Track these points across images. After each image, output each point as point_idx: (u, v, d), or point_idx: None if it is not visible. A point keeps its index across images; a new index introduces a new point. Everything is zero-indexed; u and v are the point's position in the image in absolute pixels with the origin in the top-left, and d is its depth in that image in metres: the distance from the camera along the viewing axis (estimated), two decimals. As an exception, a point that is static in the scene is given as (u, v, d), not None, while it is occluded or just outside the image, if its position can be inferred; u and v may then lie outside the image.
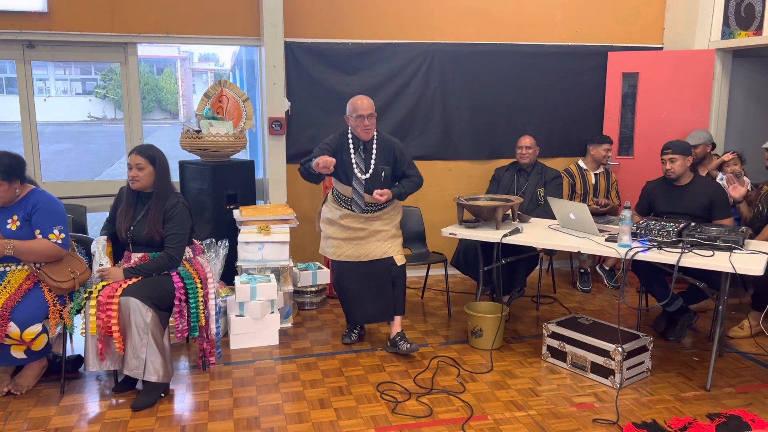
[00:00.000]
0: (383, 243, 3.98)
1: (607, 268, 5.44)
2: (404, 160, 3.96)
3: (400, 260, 4.01)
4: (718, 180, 4.77)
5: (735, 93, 5.78)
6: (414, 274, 5.67)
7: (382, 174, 3.86)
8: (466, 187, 5.65)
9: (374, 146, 3.90)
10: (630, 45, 5.81)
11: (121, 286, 3.33)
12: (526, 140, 4.97)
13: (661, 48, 5.86)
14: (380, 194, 3.78)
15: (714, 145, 5.20)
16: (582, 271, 5.35)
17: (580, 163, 5.39)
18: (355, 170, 3.87)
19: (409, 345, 3.92)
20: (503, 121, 5.67)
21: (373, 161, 3.88)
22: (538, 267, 4.94)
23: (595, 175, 5.34)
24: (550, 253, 5.01)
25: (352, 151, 3.88)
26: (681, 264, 3.38)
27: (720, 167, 4.88)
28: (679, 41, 5.72)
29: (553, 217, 4.64)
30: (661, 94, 5.59)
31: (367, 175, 3.88)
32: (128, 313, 3.27)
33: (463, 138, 5.61)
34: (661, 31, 5.87)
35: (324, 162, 3.60)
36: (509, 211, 4.32)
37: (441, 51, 5.44)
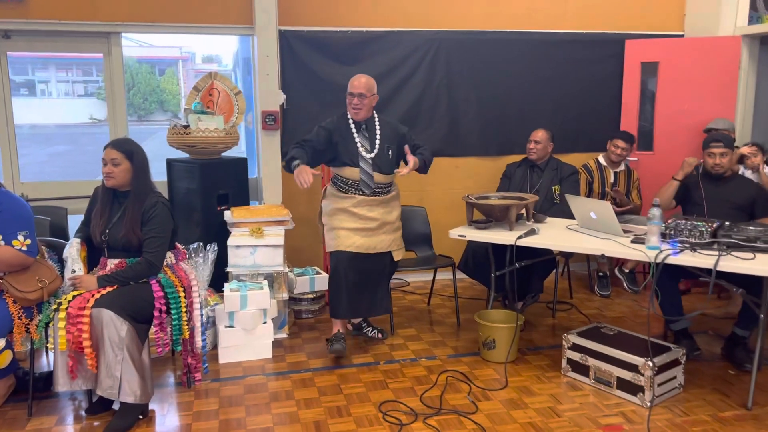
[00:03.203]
0: (389, 235, 3.85)
1: (626, 271, 5.07)
2: (410, 136, 3.90)
3: (398, 255, 3.94)
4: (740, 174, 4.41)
5: (761, 82, 5.39)
6: (418, 278, 5.31)
7: (389, 153, 3.77)
8: (474, 185, 5.29)
9: (376, 125, 3.76)
10: (649, 32, 5.43)
11: (93, 296, 2.99)
12: (538, 134, 4.61)
13: (682, 35, 5.49)
14: (407, 167, 3.66)
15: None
16: (600, 274, 4.98)
17: (600, 159, 5.02)
18: (360, 150, 3.70)
19: (380, 334, 4.04)
20: (513, 115, 5.31)
21: (378, 140, 3.73)
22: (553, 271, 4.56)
23: (615, 173, 4.97)
24: (567, 255, 4.64)
25: (354, 131, 3.71)
26: (703, 266, 3.05)
27: (740, 160, 4.51)
28: (702, 28, 5.34)
29: (570, 217, 4.29)
30: (683, 85, 5.22)
31: (373, 154, 3.71)
32: (101, 326, 2.93)
33: (470, 133, 5.25)
34: (681, 17, 5.50)
35: (304, 179, 3.40)
36: (523, 211, 3.95)
37: (447, 39, 5.08)
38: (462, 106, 5.19)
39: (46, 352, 3.78)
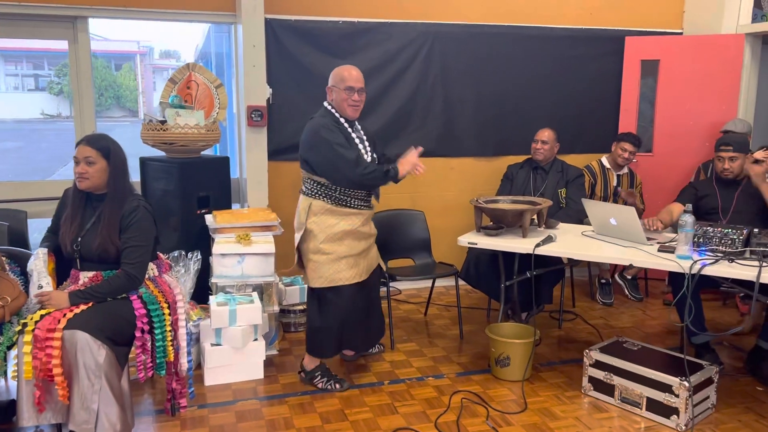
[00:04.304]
0: (374, 247, 3.42)
1: (628, 277, 4.86)
2: (380, 143, 3.61)
3: (381, 264, 3.57)
4: None
5: (762, 83, 5.24)
6: (411, 286, 5.00)
7: (375, 155, 3.34)
8: (470, 187, 5.00)
9: (357, 126, 3.29)
10: (649, 29, 5.24)
11: (65, 315, 2.58)
12: (545, 134, 4.34)
13: (681, 33, 5.31)
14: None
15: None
16: (603, 281, 4.75)
17: (604, 161, 4.78)
18: (363, 153, 3.20)
19: (380, 347, 3.77)
20: (511, 113, 5.04)
21: (367, 142, 3.27)
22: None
23: (618, 176, 4.74)
24: (574, 262, 4.39)
25: (351, 133, 3.19)
26: (744, 278, 2.82)
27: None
28: (701, 25, 5.17)
29: (577, 222, 4.07)
30: (684, 84, 5.03)
31: (373, 156, 3.28)
32: (75, 351, 2.53)
33: (466, 132, 4.96)
34: (680, 14, 5.32)
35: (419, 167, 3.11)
36: (534, 216, 3.69)
37: (442, 33, 4.78)
38: (458, 103, 4.89)
39: (5, 378, 3.33)
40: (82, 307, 2.65)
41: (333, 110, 3.19)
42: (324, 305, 3.20)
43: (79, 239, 2.78)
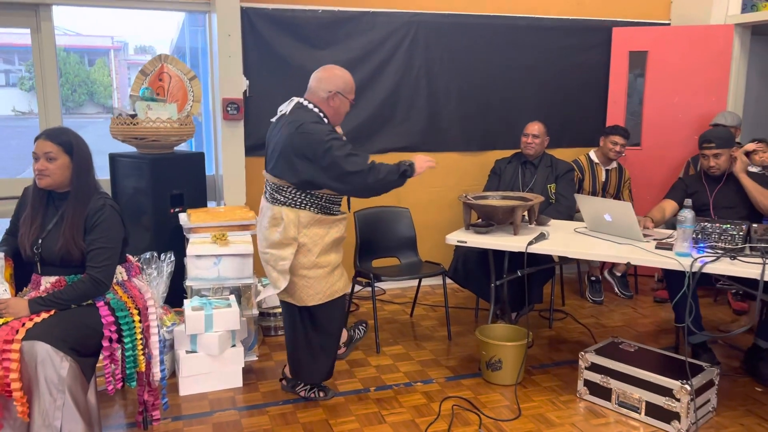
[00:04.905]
0: None
1: (618, 275, 4.74)
2: None
3: None
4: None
5: (751, 74, 5.15)
6: (395, 286, 4.83)
7: None
8: (456, 182, 4.84)
9: None
10: (636, 20, 5.12)
11: (24, 325, 2.37)
12: (535, 127, 4.20)
13: (669, 23, 5.20)
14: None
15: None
16: (593, 279, 4.62)
17: (592, 155, 4.65)
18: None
19: (364, 325, 3.45)
20: (497, 107, 4.88)
21: None
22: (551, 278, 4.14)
23: (606, 171, 4.61)
24: (563, 259, 4.25)
25: None
26: (749, 276, 2.71)
27: (747, 156, 4.23)
28: (689, 16, 5.06)
29: (567, 218, 3.94)
30: (673, 76, 4.92)
31: None
32: (35, 364, 2.32)
33: (451, 126, 4.79)
34: (668, 4, 5.20)
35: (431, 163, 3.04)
36: (525, 213, 3.53)
37: (427, 23, 4.60)
38: (443, 96, 4.72)
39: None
40: (44, 315, 2.44)
41: (321, 114, 2.85)
42: (320, 323, 2.94)
43: (40, 241, 2.57)
